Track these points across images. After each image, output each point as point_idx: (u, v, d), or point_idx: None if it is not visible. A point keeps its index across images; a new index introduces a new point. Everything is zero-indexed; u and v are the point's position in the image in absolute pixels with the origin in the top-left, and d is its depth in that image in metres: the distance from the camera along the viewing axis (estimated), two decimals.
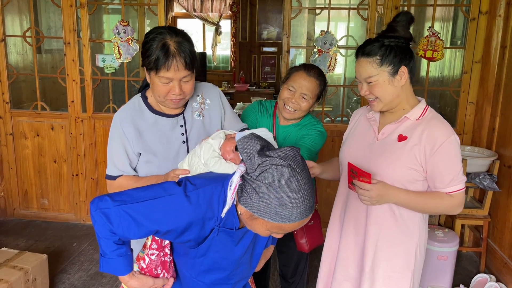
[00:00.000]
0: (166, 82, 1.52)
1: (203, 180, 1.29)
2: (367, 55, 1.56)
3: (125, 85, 3.69)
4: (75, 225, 4.00)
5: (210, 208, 1.26)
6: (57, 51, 4.82)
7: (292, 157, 1.15)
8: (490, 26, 3.33)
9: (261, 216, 1.14)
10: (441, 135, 1.52)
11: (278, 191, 1.11)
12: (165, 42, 1.49)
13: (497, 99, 3.30)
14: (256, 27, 8.75)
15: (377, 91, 1.57)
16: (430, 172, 1.55)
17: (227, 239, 1.33)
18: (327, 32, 3.43)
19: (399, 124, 1.61)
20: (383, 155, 1.60)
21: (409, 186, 1.58)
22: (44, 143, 3.88)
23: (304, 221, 1.17)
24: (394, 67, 1.54)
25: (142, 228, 1.23)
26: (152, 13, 3.59)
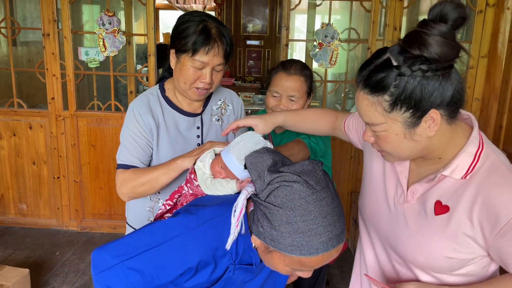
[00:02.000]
0: (199, 68, 1.42)
1: (209, 210, 1.07)
2: (371, 91, 0.94)
3: (111, 81, 3.41)
4: (56, 231, 3.71)
5: (222, 243, 1.03)
6: (33, 43, 4.49)
7: (310, 172, 0.92)
8: (497, 19, 3.19)
9: (276, 248, 0.92)
10: (506, 205, 0.92)
11: (292, 214, 0.88)
12: (206, 25, 1.41)
13: (505, 96, 3.17)
14: (241, 19, 8.50)
15: (386, 146, 1.00)
16: (497, 256, 0.99)
17: (245, 274, 1.12)
18: (328, 24, 3.23)
19: (435, 183, 1.03)
20: (414, 234, 1.06)
21: (462, 272, 1.04)
22: (22, 143, 3.58)
23: (331, 254, 0.91)
24: (416, 113, 0.92)
25: (151, 281, 1.05)
26: (140, 3, 3.31)
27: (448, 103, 0.92)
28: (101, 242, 3.54)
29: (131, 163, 1.50)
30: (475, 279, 1.06)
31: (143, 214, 1.62)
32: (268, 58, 8.65)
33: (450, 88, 0.91)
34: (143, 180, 1.43)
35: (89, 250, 3.40)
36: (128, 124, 1.53)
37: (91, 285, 2.94)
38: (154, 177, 1.42)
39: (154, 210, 1.60)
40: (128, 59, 3.89)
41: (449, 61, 0.89)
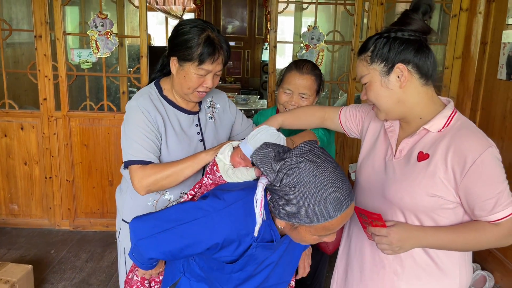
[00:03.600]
0: (204, 74, 1.53)
1: (233, 194, 1.21)
2: (361, 52, 1.31)
3: (104, 81, 3.48)
4: (49, 231, 3.75)
5: (245, 224, 1.18)
6: (19, 44, 4.48)
7: (309, 151, 1.08)
8: (470, 22, 3.43)
9: (301, 222, 1.07)
10: (472, 150, 1.17)
11: (306, 189, 1.03)
12: (209, 35, 1.50)
13: (478, 94, 3.41)
14: (221, 21, 8.62)
15: (370, 95, 1.30)
16: (465, 198, 1.22)
17: (265, 251, 1.27)
18: (314, 27, 3.40)
19: (417, 137, 1.29)
20: (400, 180, 1.28)
21: (437, 217, 1.26)
22: (13, 144, 3.60)
23: (347, 212, 1.08)
24: (387, 64, 1.24)
25: (180, 251, 1.22)
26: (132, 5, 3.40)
27: (415, 61, 1.23)
28: (94, 240, 3.61)
29: (149, 158, 1.54)
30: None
31: (140, 209, 1.66)
32: (248, 59, 8.80)
33: (415, 52, 1.23)
34: (168, 173, 1.51)
35: (84, 248, 3.47)
36: (137, 122, 1.56)
37: (89, 280, 3.02)
38: (179, 170, 1.51)
39: (159, 203, 1.68)
40: (121, 60, 3.97)
41: (421, 31, 1.25)
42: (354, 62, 3.49)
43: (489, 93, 3.27)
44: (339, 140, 3.65)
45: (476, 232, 1.23)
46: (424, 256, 1.32)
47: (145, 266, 1.41)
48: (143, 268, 1.42)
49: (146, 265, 1.40)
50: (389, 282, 1.37)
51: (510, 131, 3.02)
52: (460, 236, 1.24)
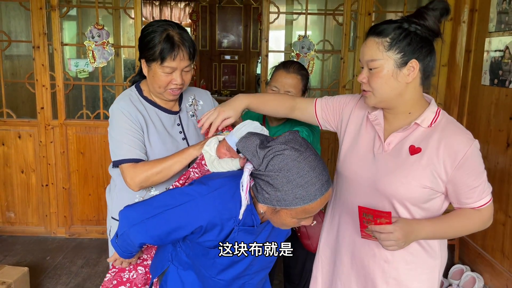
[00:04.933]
0: (169, 72, 1.58)
1: (218, 181, 1.30)
2: (377, 34, 1.30)
3: (100, 90, 3.57)
4: (45, 238, 3.79)
5: (227, 209, 1.25)
6: (17, 57, 4.58)
7: (293, 140, 1.16)
8: (455, 31, 3.55)
9: (282, 206, 1.15)
10: (462, 144, 1.27)
11: (289, 174, 1.11)
12: (168, 33, 1.55)
13: (464, 100, 3.51)
14: (216, 35, 8.77)
15: (376, 81, 1.31)
16: (454, 188, 1.32)
17: (247, 236, 1.34)
18: (304, 37, 3.51)
19: (408, 132, 1.35)
20: (394, 172, 1.34)
21: (424, 206, 1.36)
22: (10, 152, 3.67)
23: (326, 197, 1.16)
24: (404, 57, 1.27)
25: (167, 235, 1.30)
26: (128, 16, 3.51)
27: (424, 62, 1.30)
28: (90, 247, 3.65)
29: (139, 156, 1.60)
30: (433, 215, 1.38)
31: None
32: (243, 72, 8.93)
33: (427, 53, 1.30)
34: (158, 169, 1.56)
35: (79, 254, 3.51)
36: (121, 123, 1.61)
37: (84, 285, 3.06)
38: (169, 166, 1.56)
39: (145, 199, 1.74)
40: (116, 69, 4.07)
41: (434, 31, 1.31)
42: (344, 71, 3.60)
43: (474, 98, 3.38)
44: (330, 146, 3.73)
45: (464, 219, 1.36)
46: (414, 243, 1.39)
47: (125, 255, 1.48)
48: (123, 256, 1.49)
49: (126, 253, 1.47)
50: (379, 269, 1.44)
51: (494, 135, 3.11)
52: (452, 224, 1.35)
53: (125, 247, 1.43)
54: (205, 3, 8.53)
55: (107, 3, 3.55)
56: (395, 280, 1.43)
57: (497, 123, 3.08)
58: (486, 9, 3.21)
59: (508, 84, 2.92)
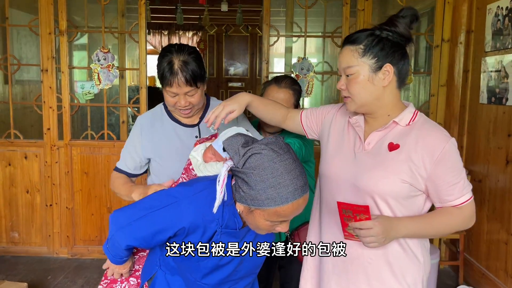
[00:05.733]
0: (173, 96, 1.70)
1: (202, 183, 1.33)
2: (351, 42, 1.36)
3: (105, 111, 3.67)
4: (47, 258, 3.81)
5: (210, 211, 1.27)
6: (28, 82, 4.74)
7: (274, 142, 1.19)
8: (452, 52, 3.61)
9: (255, 205, 1.16)
10: (439, 141, 1.32)
11: (263, 173, 1.13)
12: (171, 60, 1.66)
13: (463, 119, 3.53)
14: (223, 63, 8.97)
15: (353, 87, 1.37)
16: (434, 185, 1.35)
17: (231, 239, 1.35)
18: (304, 58, 3.60)
19: (387, 130, 1.40)
20: (374, 168, 1.37)
21: (405, 203, 1.37)
22: (16, 172, 3.74)
23: (299, 202, 1.17)
24: (378, 62, 1.33)
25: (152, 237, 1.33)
26: (133, 40, 3.64)
27: (399, 65, 1.36)
28: (91, 267, 3.66)
29: (122, 168, 1.86)
30: (414, 214, 1.39)
31: None
32: None
33: (400, 57, 1.36)
34: (115, 190, 1.81)
35: (80, 274, 3.51)
36: (131, 134, 1.86)
37: None
38: (119, 194, 1.79)
39: None
40: (121, 91, 4.18)
41: (405, 37, 1.37)
42: None
43: (473, 117, 3.40)
44: None
45: (445, 216, 1.37)
46: (395, 244, 1.41)
47: (116, 260, 1.49)
48: (114, 261, 1.50)
49: (117, 258, 1.48)
50: (362, 270, 1.44)
51: (493, 152, 3.11)
52: (433, 222, 1.37)
53: (114, 252, 1.45)
54: (212, 32, 8.78)
55: (113, 28, 3.69)
56: (378, 282, 1.43)
57: (496, 141, 3.08)
58: (481, 30, 3.27)
59: (505, 102, 2.95)
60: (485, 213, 3.20)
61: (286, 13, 4.06)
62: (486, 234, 3.20)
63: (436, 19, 3.63)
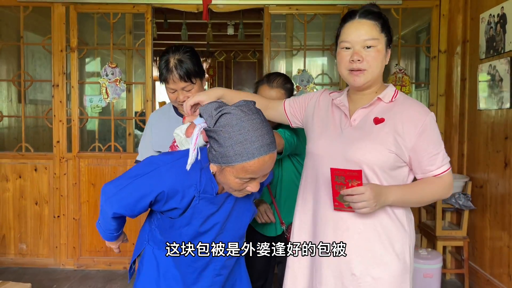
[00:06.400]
0: (172, 92, 1.85)
1: (181, 152, 1.42)
2: (369, 16, 1.45)
3: (112, 124, 3.80)
4: (53, 270, 3.86)
5: (188, 176, 1.36)
6: (41, 102, 4.92)
7: (244, 105, 1.27)
8: (450, 62, 3.69)
9: (225, 163, 1.24)
10: (420, 114, 1.43)
11: (231, 130, 1.21)
12: (167, 59, 1.81)
13: (463, 127, 3.57)
14: (232, 88, 9.16)
15: (375, 58, 1.43)
16: (417, 155, 1.43)
17: (209, 206, 1.42)
18: (303, 70, 3.71)
19: (372, 107, 1.49)
20: (361, 140, 1.45)
21: (392, 173, 1.45)
22: (26, 184, 3.86)
23: (265, 159, 1.24)
24: (388, 41, 1.47)
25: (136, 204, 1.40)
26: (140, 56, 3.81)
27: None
28: (96, 277, 3.70)
29: (140, 159, 1.97)
30: (400, 183, 1.48)
31: None
32: None
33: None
34: None
35: (85, 283, 3.55)
36: (146, 131, 2.06)
37: None
38: None
39: None
40: (128, 104, 4.33)
41: None
42: None
43: (472, 124, 3.43)
44: None
45: (428, 185, 1.47)
46: (383, 214, 1.47)
47: (107, 235, 1.56)
48: (105, 237, 1.58)
49: (107, 233, 1.55)
50: (352, 241, 1.48)
51: (492, 156, 3.13)
52: (418, 189, 1.47)
53: (105, 225, 1.52)
54: (221, 59, 9.02)
55: (120, 44, 3.87)
56: (368, 251, 1.46)
57: (494, 145, 3.11)
58: (476, 39, 3.35)
59: (501, 105, 2.99)
60: (487, 218, 3.18)
61: (286, 28, 4.22)
62: (490, 240, 3.17)
63: (432, 31, 3.74)
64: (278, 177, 2.13)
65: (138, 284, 1.56)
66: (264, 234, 2.19)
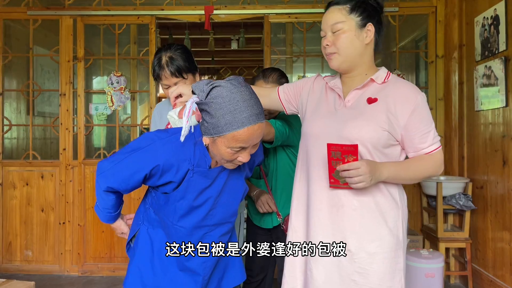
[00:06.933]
0: (166, 87, 1.94)
1: (176, 128, 1.49)
2: (336, 3, 1.53)
3: (117, 131, 3.88)
4: (58, 276, 3.89)
5: (183, 151, 1.42)
6: (49, 114, 5.05)
7: (234, 79, 1.34)
8: (447, 67, 3.74)
9: (216, 133, 1.30)
10: (412, 93, 1.50)
11: (222, 101, 1.28)
12: (160, 57, 1.92)
13: (462, 130, 3.60)
14: None
15: (341, 41, 1.49)
16: (409, 133, 1.49)
17: (202, 180, 1.47)
18: (303, 76, 3.79)
19: (365, 88, 1.54)
20: (356, 118, 1.50)
21: (385, 150, 1.50)
22: (33, 192, 3.93)
23: (254, 128, 1.30)
24: (363, 20, 1.50)
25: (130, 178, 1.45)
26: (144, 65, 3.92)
27: (376, 28, 1.54)
28: (100, 283, 3.72)
29: None
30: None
31: None
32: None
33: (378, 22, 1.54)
34: None
35: None
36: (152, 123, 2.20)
37: None
38: None
39: None
40: (132, 112, 4.42)
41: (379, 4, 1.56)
42: None
43: (471, 126, 3.46)
44: None
45: (420, 162, 1.52)
46: (376, 190, 1.51)
47: (104, 216, 1.60)
48: (103, 219, 1.62)
49: (105, 213, 1.59)
50: (347, 218, 1.52)
51: (491, 156, 3.15)
52: (410, 166, 1.52)
53: (101, 204, 1.56)
54: (226, 76, 9.17)
55: (125, 53, 4.00)
56: (362, 228, 1.50)
57: (492, 144, 3.13)
58: (472, 42, 3.42)
59: (497, 104, 3.03)
60: (489, 219, 3.18)
61: (285, 37, 4.32)
62: (492, 241, 3.16)
63: (429, 36, 3.81)
64: (274, 170, 2.17)
65: (133, 262, 1.60)
66: (261, 226, 2.22)
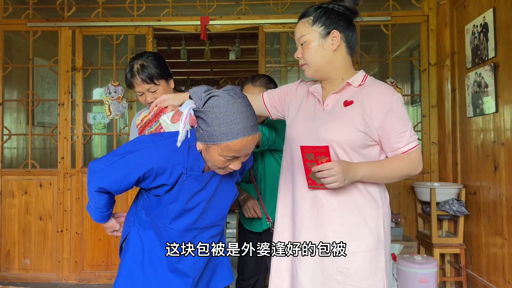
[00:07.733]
0: (140, 94, 1.97)
1: (170, 132, 1.52)
2: (303, 16, 1.60)
3: (114, 140, 3.93)
4: (56, 284, 3.92)
5: (177, 155, 1.45)
6: (48, 124, 5.12)
7: (232, 89, 1.38)
8: (440, 74, 3.79)
9: (210, 141, 1.34)
10: (387, 94, 1.53)
11: (218, 111, 1.32)
12: (132, 64, 1.94)
13: (455, 136, 3.64)
14: None
15: (307, 53, 1.56)
16: (385, 133, 1.52)
17: (195, 183, 1.50)
18: None
19: (342, 91, 1.58)
20: (332, 121, 1.55)
21: (362, 151, 1.54)
22: (31, 200, 3.97)
23: (248, 139, 1.34)
24: (326, 29, 1.54)
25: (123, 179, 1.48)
26: None
27: (345, 33, 1.57)
28: None
29: None
30: None
31: None
32: None
33: (346, 25, 1.58)
34: None
35: None
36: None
37: None
38: None
39: None
40: (130, 121, 4.47)
41: (351, 10, 1.59)
42: None
43: (464, 133, 3.50)
44: None
45: (397, 161, 1.54)
46: (355, 190, 1.55)
47: (96, 215, 1.63)
48: (96, 218, 1.65)
49: (97, 213, 1.62)
50: (327, 218, 1.55)
51: (483, 161, 3.18)
52: (386, 165, 1.54)
53: (93, 203, 1.59)
54: None
55: (123, 63, 4.06)
56: (343, 227, 1.53)
57: (484, 150, 3.16)
58: (463, 50, 3.47)
59: (488, 110, 3.07)
60: (482, 224, 3.20)
61: (280, 47, 4.39)
62: (485, 247, 3.17)
63: (422, 44, 3.87)
64: (262, 174, 2.21)
65: (124, 264, 1.63)
66: (251, 230, 2.26)
